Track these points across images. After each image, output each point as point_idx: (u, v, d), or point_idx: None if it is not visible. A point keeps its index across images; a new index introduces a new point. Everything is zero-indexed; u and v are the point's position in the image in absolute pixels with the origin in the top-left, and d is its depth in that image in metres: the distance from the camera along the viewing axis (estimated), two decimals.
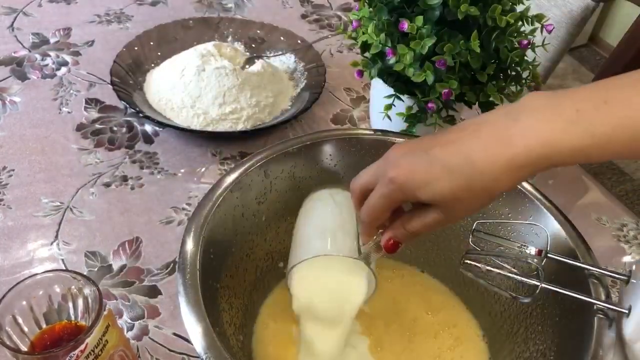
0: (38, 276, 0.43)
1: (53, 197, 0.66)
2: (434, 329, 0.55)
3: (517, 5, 0.59)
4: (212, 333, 0.40)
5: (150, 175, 0.70)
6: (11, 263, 0.59)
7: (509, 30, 0.58)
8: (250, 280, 0.55)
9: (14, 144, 0.73)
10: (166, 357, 0.53)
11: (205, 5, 1.04)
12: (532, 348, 0.50)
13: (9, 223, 0.63)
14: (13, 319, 0.42)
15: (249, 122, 0.75)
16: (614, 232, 0.69)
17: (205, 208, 0.48)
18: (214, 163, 0.73)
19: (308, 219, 0.51)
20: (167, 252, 0.62)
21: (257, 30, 0.91)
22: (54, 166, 0.70)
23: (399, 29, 0.58)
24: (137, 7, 1.01)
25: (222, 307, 0.48)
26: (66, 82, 0.83)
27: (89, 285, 0.43)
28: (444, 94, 0.59)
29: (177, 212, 0.66)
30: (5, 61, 0.86)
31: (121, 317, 0.55)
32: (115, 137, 0.75)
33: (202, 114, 0.74)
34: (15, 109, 0.78)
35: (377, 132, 0.59)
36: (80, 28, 0.94)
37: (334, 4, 1.09)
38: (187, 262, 0.44)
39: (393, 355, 0.53)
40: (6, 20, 0.94)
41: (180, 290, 0.43)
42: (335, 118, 0.82)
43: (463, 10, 0.55)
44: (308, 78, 0.83)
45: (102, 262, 0.60)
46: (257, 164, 0.52)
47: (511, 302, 0.54)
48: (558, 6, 1.02)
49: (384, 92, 0.64)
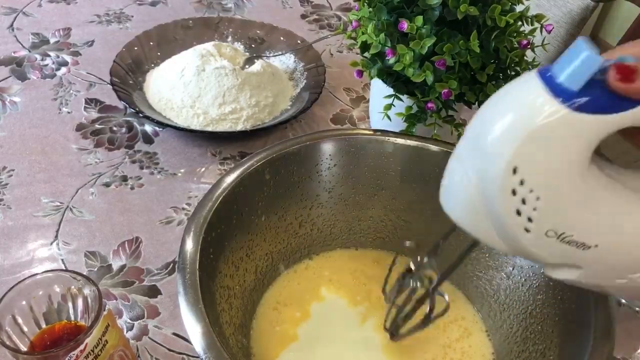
0: (38, 276, 0.43)
1: (53, 197, 0.66)
2: (443, 322, 0.55)
3: (516, 5, 0.59)
4: (212, 333, 0.40)
5: (150, 175, 0.70)
6: (11, 263, 0.59)
7: (509, 30, 0.58)
8: (250, 280, 0.55)
9: (13, 144, 0.73)
10: (166, 357, 0.53)
11: (205, 5, 1.04)
12: (531, 348, 0.50)
13: (9, 223, 0.63)
14: (13, 319, 0.42)
15: (248, 122, 0.75)
16: None
17: (205, 208, 0.48)
18: (213, 163, 0.73)
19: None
20: (167, 252, 0.62)
21: (257, 30, 0.91)
22: (54, 166, 0.70)
23: (398, 29, 0.58)
24: (137, 7, 1.01)
25: (221, 307, 0.48)
26: (66, 82, 0.83)
27: (88, 285, 0.44)
28: (443, 94, 0.59)
29: (177, 212, 0.66)
30: (5, 61, 0.86)
31: (121, 317, 0.55)
32: (115, 137, 0.75)
33: (202, 114, 0.74)
34: (15, 109, 0.78)
35: (377, 132, 0.59)
36: (80, 28, 0.94)
37: (333, 4, 1.09)
38: (187, 262, 0.44)
39: (404, 345, 0.53)
40: (6, 20, 0.94)
41: (180, 290, 0.43)
42: (335, 118, 0.82)
43: (463, 10, 0.55)
44: (308, 78, 0.83)
45: (101, 262, 0.60)
46: (257, 164, 0.52)
47: (511, 302, 0.54)
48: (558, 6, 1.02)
49: (384, 92, 0.64)
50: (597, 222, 0.35)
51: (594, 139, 0.31)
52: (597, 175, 0.34)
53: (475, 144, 0.35)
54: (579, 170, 0.32)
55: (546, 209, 0.34)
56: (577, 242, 0.35)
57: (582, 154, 0.32)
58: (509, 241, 0.37)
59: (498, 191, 0.34)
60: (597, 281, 0.38)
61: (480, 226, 0.37)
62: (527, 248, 0.36)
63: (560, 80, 0.30)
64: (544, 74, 0.31)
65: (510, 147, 0.32)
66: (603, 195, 0.35)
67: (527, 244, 0.36)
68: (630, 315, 0.59)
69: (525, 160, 0.32)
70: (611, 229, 0.35)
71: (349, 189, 0.58)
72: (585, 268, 0.37)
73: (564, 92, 0.30)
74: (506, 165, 0.33)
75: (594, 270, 0.37)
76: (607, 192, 0.35)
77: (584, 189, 0.33)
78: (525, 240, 0.36)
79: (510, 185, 0.33)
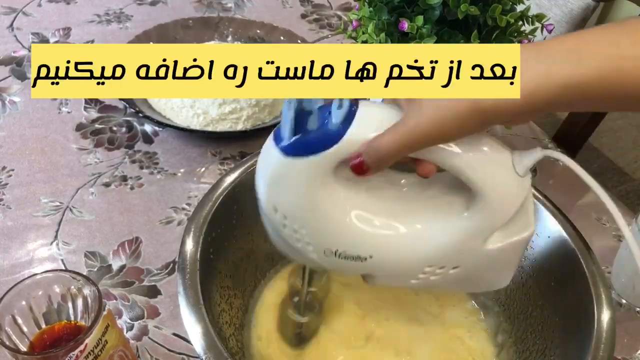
0: (38, 276, 0.43)
1: (53, 197, 0.66)
2: (444, 321, 0.55)
3: (517, 4, 0.59)
4: (212, 333, 0.40)
5: (150, 175, 0.70)
6: (11, 263, 0.59)
7: (509, 30, 0.58)
8: (250, 280, 0.55)
9: (13, 144, 0.73)
10: (166, 357, 0.53)
11: (205, 5, 1.04)
12: (531, 348, 0.50)
13: (9, 223, 0.63)
14: (12, 319, 0.42)
15: (249, 122, 0.75)
16: (614, 232, 0.69)
17: (205, 208, 0.48)
18: (213, 163, 0.73)
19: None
20: (167, 252, 0.62)
21: (257, 30, 0.91)
22: (54, 166, 0.70)
23: (399, 28, 0.58)
24: (136, 6, 1.01)
25: (222, 307, 0.48)
26: None
27: (88, 285, 0.43)
28: None
29: (176, 212, 0.66)
30: (5, 61, 0.86)
31: (121, 317, 0.55)
32: (114, 137, 0.75)
33: (201, 114, 0.74)
34: (15, 109, 0.78)
35: None
36: (80, 28, 0.94)
37: (334, 3, 1.09)
38: (187, 262, 0.44)
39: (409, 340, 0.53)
40: (6, 20, 0.94)
41: (180, 291, 0.43)
42: None
43: (463, 9, 0.55)
44: None
45: (101, 262, 0.60)
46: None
47: (510, 302, 0.54)
48: (558, 6, 1.02)
49: None
50: (360, 236, 0.40)
51: (315, 173, 0.37)
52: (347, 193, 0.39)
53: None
54: (320, 198, 0.38)
55: (310, 234, 0.40)
56: (353, 256, 0.40)
57: (314, 185, 0.38)
58: (313, 262, 0.42)
59: (276, 226, 0.40)
60: (397, 283, 0.43)
61: (294, 254, 0.42)
62: (325, 266, 0.42)
63: (281, 134, 0.37)
64: (277, 132, 0.37)
65: (263, 191, 0.39)
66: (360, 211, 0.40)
67: (322, 264, 0.42)
68: (630, 315, 0.59)
69: (277, 199, 0.39)
70: (377, 240, 0.40)
71: None
72: (377, 276, 0.43)
73: (281, 141, 0.37)
74: (267, 205, 0.40)
75: (386, 276, 0.43)
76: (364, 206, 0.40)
77: (333, 212, 0.39)
78: (318, 260, 0.41)
79: (279, 220, 0.40)
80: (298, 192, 0.38)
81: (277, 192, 0.39)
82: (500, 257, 0.41)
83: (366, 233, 0.40)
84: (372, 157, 0.35)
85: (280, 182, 0.38)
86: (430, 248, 0.40)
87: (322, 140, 0.36)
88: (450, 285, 0.43)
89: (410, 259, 0.41)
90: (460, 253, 0.40)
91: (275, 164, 0.37)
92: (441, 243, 0.40)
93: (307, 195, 0.38)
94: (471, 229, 0.39)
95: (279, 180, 0.38)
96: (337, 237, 0.40)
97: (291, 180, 0.38)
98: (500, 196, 0.38)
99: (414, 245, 0.41)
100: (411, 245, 0.40)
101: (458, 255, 0.41)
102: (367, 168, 0.36)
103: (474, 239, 0.40)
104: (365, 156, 0.36)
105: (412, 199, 0.41)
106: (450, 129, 0.34)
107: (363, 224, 0.40)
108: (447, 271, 0.41)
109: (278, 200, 0.39)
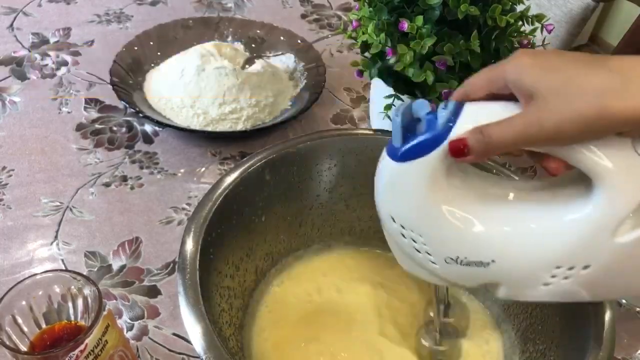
0: (38, 276, 0.43)
1: (53, 197, 0.66)
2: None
3: (517, 5, 0.59)
4: (212, 333, 0.40)
5: (150, 175, 0.70)
6: (11, 263, 0.59)
7: (509, 30, 0.58)
8: (250, 280, 0.55)
9: (13, 144, 0.73)
10: (166, 357, 0.53)
11: (205, 5, 1.04)
12: (532, 348, 0.50)
13: (9, 223, 0.63)
14: (13, 319, 0.42)
15: (249, 122, 0.75)
16: None
17: (205, 208, 0.48)
18: (213, 163, 0.73)
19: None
20: (167, 252, 0.62)
21: (257, 30, 0.91)
22: (54, 166, 0.70)
23: (399, 28, 0.58)
24: (136, 7, 1.01)
25: (222, 307, 0.48)
26: (66, 82, 0.83)
27: (88, 285, 0.43)
28: (444, 94, 0.59)
29: (177, 212, 0.66)
30: (5, 61, 0.86)
31: (121, 317, 0.55)
32: (115, 137, 0.75)
33: (201, 114, 0.74)
34: (15, 109, 0.78)
35: (377, 132, 0.59)
36: (80, 28, 0.94)
37: (334, 3, 1.09)
38: (187, 262, 0.44)
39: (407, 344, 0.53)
40: (6, 20, 0.94)
41: (180, 291, 0.43)
42: (335, 118, 0.82)
43: (463, 10, 0.55)
44: (308, 78, 0.83)
45: (101, 262, 0.60)
46: (257, 164, 0.52)
47: (512, 303, 0.54)
48: (558, 6, 1.02)
49: (384, 92, 0.64)
50: (480, 240, 0.39)
51: (427, 174, 0.37)
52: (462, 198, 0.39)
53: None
54: (434, 202, 0.38)
55: (430, 242, 0.40)
56: (475, 262, 0.40)
57: (426, 188, 0.38)
58: (433, 276, 0.42)
59: (395, 237, 0.41)
60: (526, 291, 0.41)
61: (417, 270, 0.42)
62: (447, 278, 0.42)
63: (393, 143, 0.38)
64: (389, 143, 0.38)
65: (380, 200, 0.40)
66: (477, 215, 0.39)
67: (442, 274, 0.41)
68: (630, 315, 0.59)
69: (392, 207, 0.40)
70: (497, 242, 0.39)
71: (349, 189, 0.58)
72: (503, 283, 0.41)
73: (392, 150, 0.38)
74: (386, 216, 0.40)
75: (513, 283, 0.41)
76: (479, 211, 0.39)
77: (450, 216, 0.39)
78: (439, 271, 0.41)
79: (397, 230, 0.40)
80: (411, 196, 0.38)
81: (392, 199, 0.40)
82: (634, 252, 0.37)
83: (485, 236, 0.39)
84: (479, 141, 0.34)
85: (394, 188, 0.39)
86: (554, 246, 0.38)
87: (431, 140, 0.36)
88: (585, 291, 0.40)
89: (535, 260, 0.39)
90: (588, 249, 0.37)
91: (388, 172, 0.39)
92: (566, 240, 0.38)
93: (420, 199, 0.38)
94: (596, 220, 0.36)
95: (392, 187, 0.39)
96: (455, 243, 0.39)
97: (404, 185, 0.38)
98: (624, 180, 0.35)
99: (537, 245, 0.38)
100: (534, 245, 0.38)
101: (586, 252, 0.38)
102: (468, 151, 0.35)
103: (601, 230, 0.37)
104: (470, 140, 0.35)
105: (525, 199, 0.40)
106: (573, 130, 0.33)
107: (480, 226, 0.39)
108: (577, 272, 0.38)
109: (394, 208, 0.40)
